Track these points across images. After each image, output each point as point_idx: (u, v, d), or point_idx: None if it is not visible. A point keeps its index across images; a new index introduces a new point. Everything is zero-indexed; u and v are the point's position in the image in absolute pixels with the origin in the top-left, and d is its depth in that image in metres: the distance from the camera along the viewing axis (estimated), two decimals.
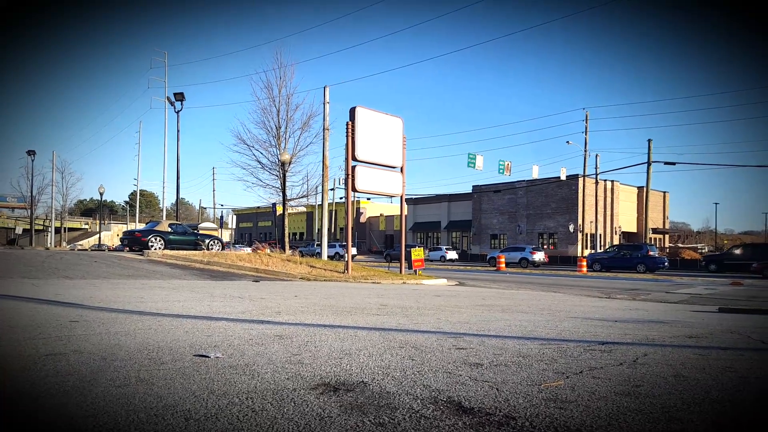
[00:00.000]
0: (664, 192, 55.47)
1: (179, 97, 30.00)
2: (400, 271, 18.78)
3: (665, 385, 2.90)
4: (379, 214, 70.21)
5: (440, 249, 48.07)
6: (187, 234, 23.70)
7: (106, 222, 75.56)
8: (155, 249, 21.46)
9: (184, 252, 20.83)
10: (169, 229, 22.95)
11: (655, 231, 50.75)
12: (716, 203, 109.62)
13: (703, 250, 45.86)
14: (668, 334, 5.28)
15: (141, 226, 36.94)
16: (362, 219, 71.35)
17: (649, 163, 38.21)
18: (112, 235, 69.01)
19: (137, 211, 56.82)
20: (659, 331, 5.54)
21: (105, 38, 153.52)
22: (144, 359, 3.38)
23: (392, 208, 68.69)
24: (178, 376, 2.94)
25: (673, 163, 35.39)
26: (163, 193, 46.17)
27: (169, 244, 22.20)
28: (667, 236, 55.92)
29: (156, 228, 23.08)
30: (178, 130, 30.40)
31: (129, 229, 45.83)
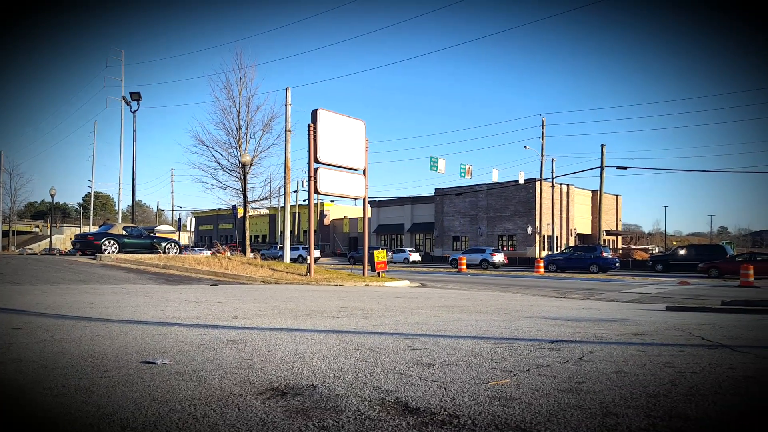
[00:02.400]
0: (617, 195, 57.33)
1: (135, 96, 29.26)
2: (363, 274, 18.76)
3: (606, 381, 3.00)
4: (342, 217, 70.02)
5: (404, 251, 48.32)
6: (142, 237, 23.07)
7: (58, 225, 72.73)
8: (109, 253, 20.80)
9: (140, 256, 20.27)
10: (124, 232, 22.29)
11: (608, 233, 52.35)
12: (665, 206, 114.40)
13: (654, 251, 47.58)
14: (616, 332, 5.46)
15: (95, 229, 35.75)
16: (326, 221, 71.00)
17: (602, 168, 39.39)
18: (64, 238, 66.52)
19: (91, 213, 54.94)
20: (608, 329, 5.72)
21: (57, 34, 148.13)
22: (87, 367, 3.27)
23: (356, 211, 68.62)
24: (120, 383, 2.86)
25: (625, 168, 36.60)
26: (119, 195, 44.73)
27: (123, 248, 21.57)
28: (620, 238, 57.77)
29: (110, 231, 22.38)
30: (134, 130, 29.65)
31: (82, 232, 44.26)
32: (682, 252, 32.85)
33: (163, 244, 23.05)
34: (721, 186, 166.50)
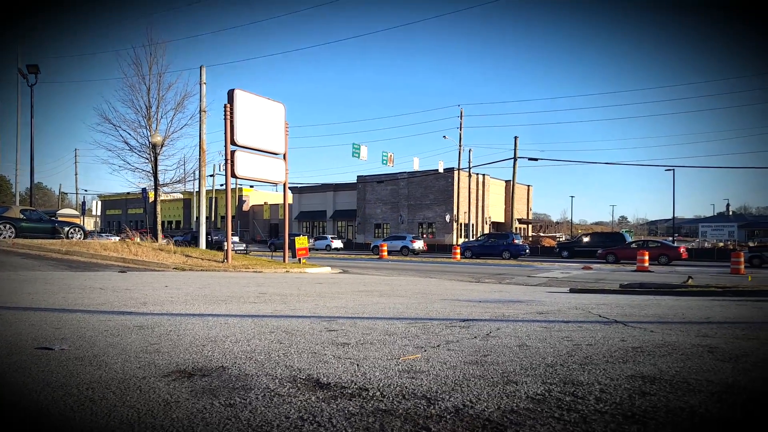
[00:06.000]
0: (528, 186, 60.26)
1: (33, 69, 26.79)
2: (284, 260, 18.52)
3: (509, 354, 3.18)
4: (263, 203, 68.49)
5: (326, 238, 48.15)
6: (42, 221, 21.36)
7: None
8: (4, 237, 19.11)
9: (40, 241, 18.78)
10: (22, 216, 20.53)
11: (520, 221, 54.99)
12: (572, 196, 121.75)
13: (561, 239, 50.48)
14: (522, 311, 5.78)
15: None
16: (245, 207, 69.15)
17: (515, 159, 41.25)
18: None
19: None
20: (515, 309, 6.04)
21: None
22: None
23: (277, 197, 67.36)
24: (11, 370, 2.66)
25: (536, 159, 38.52)
26: (16, 176, 40.83)
27: (21, 232, 19.88)
28: (530, 226, 60.86)
29: (5, 214, 20.52)
30: (32, 106, 27.18)
31: None
32: (586, 239, 35.13)
33: (66, 229, 21.47)
34: (623, 178, 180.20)
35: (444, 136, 41.90)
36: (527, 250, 34.03)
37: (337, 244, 47.13)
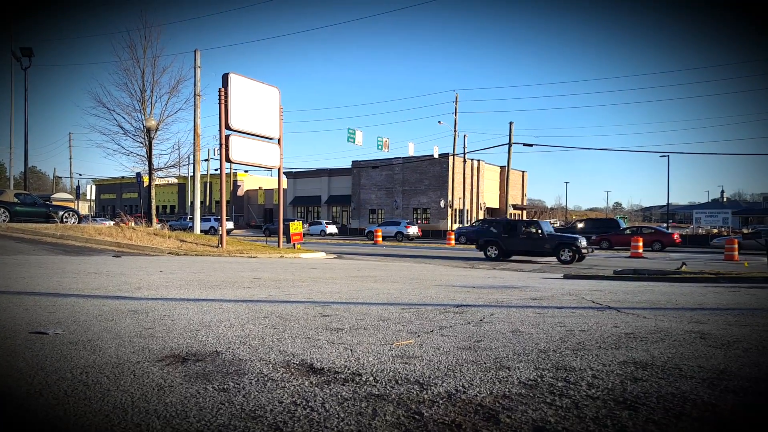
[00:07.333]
0: (523, 171, 60.21)
1: (27, 52, 26.49)
2: (279, 246, 18.52)
3: (503, 339, 3.20)
4: (257, 188, 68.24)
5: (320, 223, 48.07)
6: (37, 205, 21.24)
7: None
8: None
9: (34, 225, 18.70)
10: (16, 200, 20.39)
11: (514, 207, 54.99)
12: (567, 182, 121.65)
13: (555, 224, 50.49)
14: (516, 297, 5.80)
15: None
16: (240, 192, 68.89)
17: (510, 144, 41.08)
18: None
19: None
20: (509, 294, 6.07)
21: None
22: None
23: (272, 182, 67.15)
24: (5, 354, 2.65)
25: (531, 145, 38.36)
26: (10, 160, 40.41)
27: (15, 216, 19.79)
28: (525, 212, 60.90)
29: None
30: (26, 89, 26.92)
31: None
32: (580, 225, 35.20)
33: (60, 213, 21.37)
34: (617, 164, 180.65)
35: (439, 122, 41.76)
36: None
37: (332, 229, 47.08)
